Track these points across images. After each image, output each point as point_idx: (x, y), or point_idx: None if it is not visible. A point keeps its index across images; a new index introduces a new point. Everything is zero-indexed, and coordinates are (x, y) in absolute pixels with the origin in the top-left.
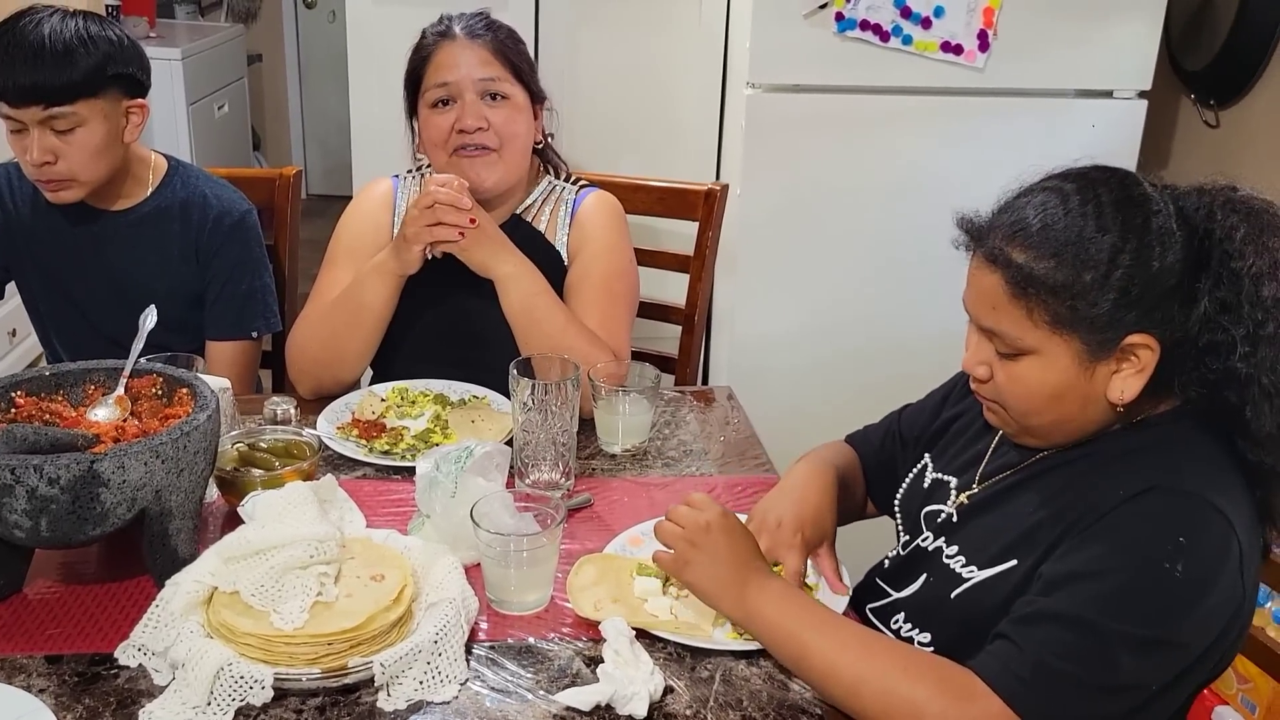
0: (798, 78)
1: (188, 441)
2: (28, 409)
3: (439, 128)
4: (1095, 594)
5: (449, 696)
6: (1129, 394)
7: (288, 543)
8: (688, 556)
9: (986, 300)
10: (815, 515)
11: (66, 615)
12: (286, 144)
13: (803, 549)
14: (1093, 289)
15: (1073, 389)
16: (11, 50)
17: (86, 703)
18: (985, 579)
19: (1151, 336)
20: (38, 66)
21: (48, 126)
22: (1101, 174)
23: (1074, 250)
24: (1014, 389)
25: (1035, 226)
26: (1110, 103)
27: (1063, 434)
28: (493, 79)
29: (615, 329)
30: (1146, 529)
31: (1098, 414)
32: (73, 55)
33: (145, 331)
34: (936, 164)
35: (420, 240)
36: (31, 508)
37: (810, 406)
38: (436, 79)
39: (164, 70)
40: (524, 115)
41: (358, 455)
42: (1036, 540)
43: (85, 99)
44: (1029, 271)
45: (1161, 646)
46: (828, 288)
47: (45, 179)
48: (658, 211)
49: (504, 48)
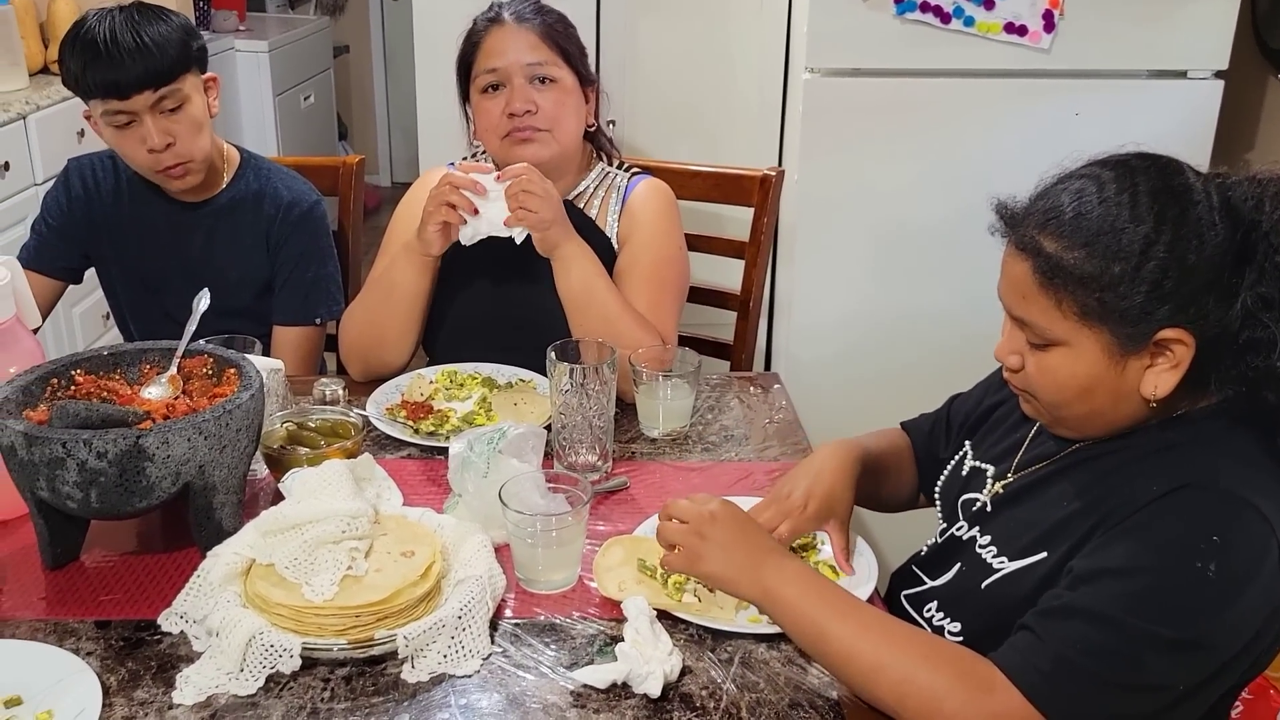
0: (857, 62)
1: (230, 419)
2: (87, 386)
3: (490, 113)
4: (1123, 591)
5: (471, 670)
6: (1163, 390)
7: (321, 518)
8: (698, 550)
9: (1017, 289)
10: (827, 490)
11: (118, 583)
12: (372, 133)
13: (805, 520)
14: (1123, 281)
15: (1103, 382)
16: (110, 50)
17: (130, 666)
18: (1015, 570)
19: (1186, 331)
20: (142, 56)
21: (158, 110)
22: (1143, 161)
23: (1105, 241)
24: (1044, 380)
25: (1068, 215)
26: (1184, 83)
27: (1096, 427)
28: (541, 63)
29: (662, 315)
30: (1179, 527)
31: (1131, 408)
32: (165, 38)
33: (199, 313)
34: (999, 148)
35: (432, 219)
36: (82, 480)
37: (869, 393)
38: (486, 64)
39: (251, 62)
40: (573, 99)
41: (404, 436)
42: (1067, 533)
43: (182, 75)
44: (1058, 261)
45: (1190, 648)
46: (887, 274)
47: (166, 165)
48: (713, 197)
49: (552, 32)
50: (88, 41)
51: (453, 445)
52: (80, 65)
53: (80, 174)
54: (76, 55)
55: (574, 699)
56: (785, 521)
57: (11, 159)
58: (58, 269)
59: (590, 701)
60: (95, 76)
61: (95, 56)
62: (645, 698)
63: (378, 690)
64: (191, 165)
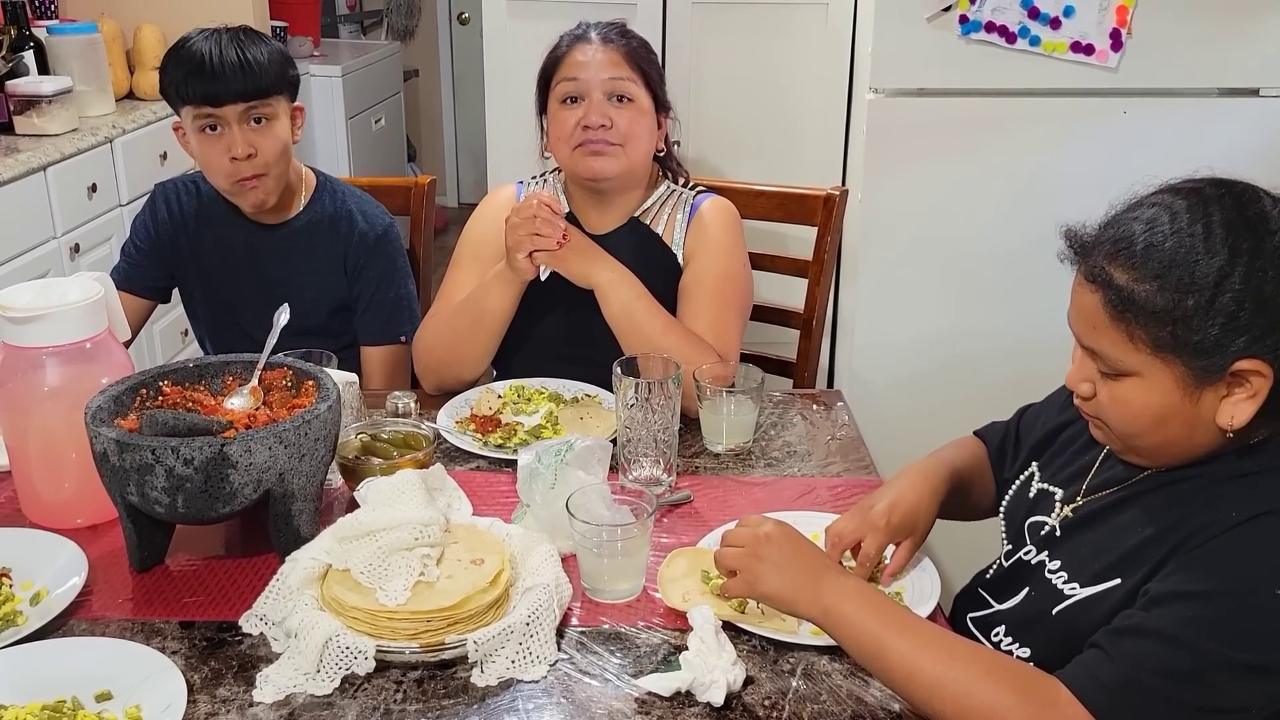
0: (921, 81)
1: (309, 429)
2: (173, 397)
3: (565, 123)
4: (1199, 615)
5: (538, 676)
6: (1239, 420)
7: (395, 526)
8: (756, 571)
9: (1087, 320)
10: (910, 507)
11: (201, 586)
12: (440, 155)
13: (887, 532)
14: (1196, 314)
15: (1178, 413)
16: (213, 64)
17: (212, 665)
18: (1088, 597)
19: (1264, 362)
20: (242, 71)
21: (246, 120)
22: (1216, 190)
23: (1179, 273)
24: (1117, 410)
25: (1139, 246)
26: (1257, 101)
27: (1170, 456)
28: (620, 79)
29: (725, 331)
30: (1259, 553)
31: (1206, 438)
32: (267, 58)
33: (279, 327)
34: (1066, 168)
35: (521, 248)
36: (169, 485)
37: (933, 413)
38: (567, 75)
39: (325, 87)
40: (648, 120)
41: (473, 448)
42: (1142, 559)
43: (275, 95)
44: (1130, 294)
45: (1265, 673)
46: (951, 294)
47: (244, 175)
48: (777, 217)
49: (635, 54)
50: (191, 54)
51: (521, 457)
52: (182, 75)
53: (165, 199)
54: (179, 66)
55: (639, 706)
56: (874, 534)
57: (99, 181)
58: (146, 289)
59: (654, 709)
60: (195, 86)
61: (198, 68)
62: (709, 706)
63: (448, 693)
64: (267, 181)
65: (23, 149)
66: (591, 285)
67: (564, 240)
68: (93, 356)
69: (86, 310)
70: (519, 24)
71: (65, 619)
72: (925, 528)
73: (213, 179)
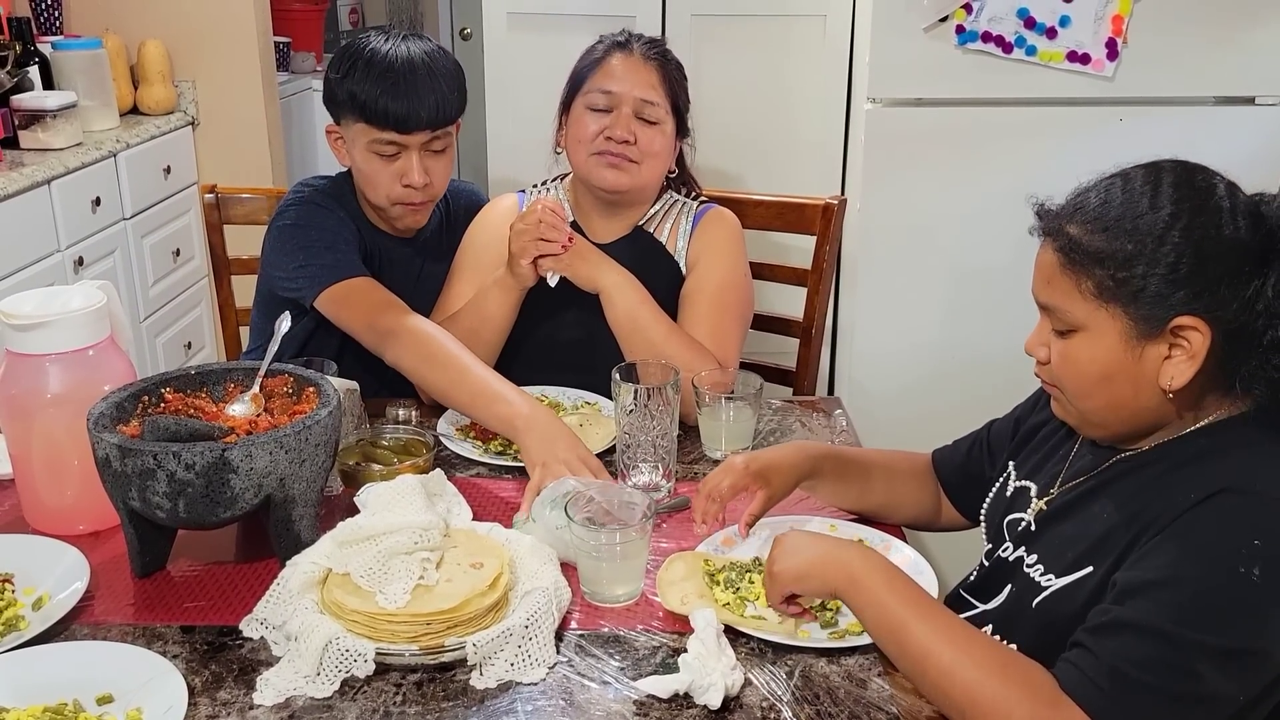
0: (918, 91)
1: (309, 434)
2: (175, 403)
3: (588, 128)
4: (1169, 602)
5: (537, 678)
6: (1179, 380)
7: (395, 530)
8: (780, 561)
9: (1043, 274)
10: (769, 461)
11: (202, 591)
12: None
13: (744, 476)
14: (1138, 260)
15: (1122, 370)
16: (409, 84)
17: (213, 668)
18: (1063, 586)
19: (1202, 320)
20: (435, 96)
21: (428, 149)
22: (1173, 163)
23: (1125, 224)
24: (1066, 369)
25: (1094, 204)
26: (1251, 110)
27: (1120, 421)
28: (652, 102)
29: (724, 339)
30: (1218, 532)
31: (1152, 400)
32: (453, 81)
33: (280, 335)
34: (1063, 176)
35: (526, 254)
36: (171, 490)
37: (931, 420)
38: (602, 84)
39: None
40: (668, 142)
41: (474, 455)
42: (1110, 546)
43: (458, 119)
44: (1080, 243)
45: (1242, 655)
46: (949, 302)
47: (417, 201)
48: (776, 226)
49: (670, 78)
50: (384, 69)
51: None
52: (375, 91)
53: (326, 196)
54: (371, 80)
55: (637, 708)
56: (727, 476)
57: (103, 195)
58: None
59: (653, 711)
60: (388, 106)
61: (393, 87)
62: (706, 709)
63: (448, 695)
64: (431, 205)
65: (27, 163)
66: (598, 289)
67: (568, 245)
68: (95, 364)
69: (89, 318)
70: (519, 39)
71: (67, 624)
72: (780, 485)
73: (373, 194)
